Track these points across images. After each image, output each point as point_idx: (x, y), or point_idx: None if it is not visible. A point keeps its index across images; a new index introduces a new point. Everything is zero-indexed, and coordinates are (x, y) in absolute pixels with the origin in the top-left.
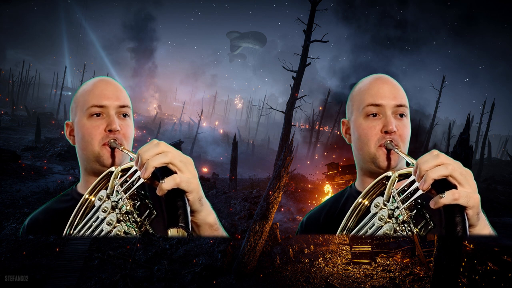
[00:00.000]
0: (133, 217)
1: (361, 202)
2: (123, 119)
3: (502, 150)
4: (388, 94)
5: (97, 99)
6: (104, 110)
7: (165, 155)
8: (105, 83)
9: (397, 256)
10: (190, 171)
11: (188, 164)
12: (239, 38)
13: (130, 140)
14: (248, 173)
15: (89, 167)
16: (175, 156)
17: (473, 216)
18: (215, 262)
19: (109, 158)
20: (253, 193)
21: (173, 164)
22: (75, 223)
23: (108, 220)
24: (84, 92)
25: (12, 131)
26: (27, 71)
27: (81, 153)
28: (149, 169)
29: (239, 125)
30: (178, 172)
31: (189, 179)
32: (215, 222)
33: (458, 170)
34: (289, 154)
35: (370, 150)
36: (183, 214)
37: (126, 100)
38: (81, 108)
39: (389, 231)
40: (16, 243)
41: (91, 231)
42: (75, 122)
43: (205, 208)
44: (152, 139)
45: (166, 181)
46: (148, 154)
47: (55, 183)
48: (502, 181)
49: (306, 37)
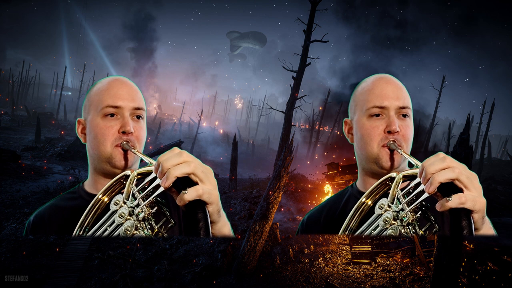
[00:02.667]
0: (150, 224)
1: (364, 202)
2: (137, 121)
3: (502, 150)
4: (391, 95)
5: (112, 99)
6: (118, 111)
7: (187, 165)
8: (120, 83)
9: (397, 256)
10: (211, 182)
11: (209, 175)
12: (239, 38)
13: (143, 143)
14: (248, 173)
15: (99, 167)
16: (197, 167)
17: (478, 219)
18: (215, 262)
19: (121, 160)
20: (253, 193)
21: (195, 174)
22: (86, 223)
23: (125, 227)
24: (99, 91)
25: (12, 131)
26: (27, 71)
27: (92, 152)
28: (170, 179)
29: (239, 125)
30: (199, 183)
31: (210, 191)
32: (229, 233)
33: (465, 174)
34: (289, 154)
35: (373, 150)
36: (204, 227)
37: (141, 102)
38: (95, 107)
39: (394, 233)
40: (16, 243)
41: (106, 235)
42: (88, 120)
43: (222, 219)
44: (173, 147)
45: (189, 192)
46: (170, 163)
47: (55, 183)
48: (502, 181)
49: (306, 37)
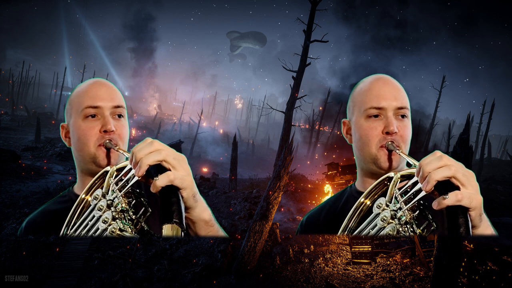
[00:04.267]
0: (129, 214)
1: (363, 202)
2: (118, 119)
3: (502, 150)
4: (389, 96)
5: (91, 100)
6: (98, 111)
7: (158, 153)
8: (99, 85)
9: (397, 256)
10: (184, 168)
11: (182, 161)
12: (239, 38)
13: (125, 140)
14: (248, 173)
15: (85, 168)
16: (169, 154)
17: (475, 217)
18: (215, 262)
19: (104, 158)
20: (253, 193)
21: (166, 161)
22: (72, 223)
23: (103, 218)
24: (78, 93)
25: (12, 131)
26: (27, 71)
27: (77, 154)
28: (143, 167)
29: (239, 125)
30: (171, 169)
31: (183, 176)
32: (210, 218)
33: (461, 172)
34: (289, 154)
35: (371, 151)
36: (177, 210)
37: (120, 100)
38: (76, 110)
39: (392, 231)
40: (16, 243)
41: (87, 230)
42: (70, 124)
43: (200, 204)
44: (146, 138)
45: (160, 178)
46: (142, 152)
47: (55, 183)
48: (502, 181)
49: (306, 37)
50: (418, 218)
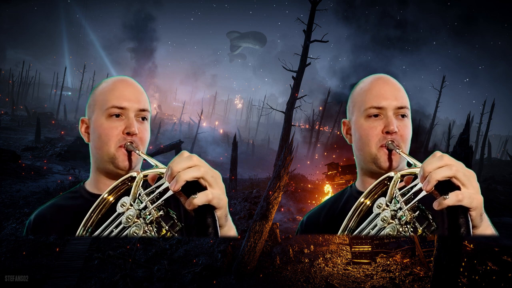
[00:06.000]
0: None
1: (363, 202)
2: (141, 122)
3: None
4: (389, 96)
5: (117, 100)
6: (123, 111)
7: (197, 169)
8: (126, 84)
9: (397, 256)
10: (220, 187)
11: (218, 179)
12: (239, 38)
13: (146, 144)
14: (248, 173)
15: (102, 167)
16: (207, 171)
17: (476, 217)
18: (215, 262)
19: (124, 160)
20: (253, 193)
21: (204, 179)
22: (90, 222)
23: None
24: (104, 90)
25: (12, 131)
26: (27, 71)
27: (96, 152)
28: (179, 182)
29: (239, 125)
30: (208, 187)
31: (219, 196)
32: (234, 235)
33: (462, 171)
34: (289, 154)
35: (371, 151)
36: (214, 232)
37: (146, 103)
38: (100, 107)
39: (392, 232)
40: (16, 243)
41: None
42: (92, 119)
43: (228, 223)
44: (182, 151)
45: (199, 196)
46: (179, 166)
47: (55, 183)
48: (502, 181)
49: (306, 37)
50: (418, 218)
